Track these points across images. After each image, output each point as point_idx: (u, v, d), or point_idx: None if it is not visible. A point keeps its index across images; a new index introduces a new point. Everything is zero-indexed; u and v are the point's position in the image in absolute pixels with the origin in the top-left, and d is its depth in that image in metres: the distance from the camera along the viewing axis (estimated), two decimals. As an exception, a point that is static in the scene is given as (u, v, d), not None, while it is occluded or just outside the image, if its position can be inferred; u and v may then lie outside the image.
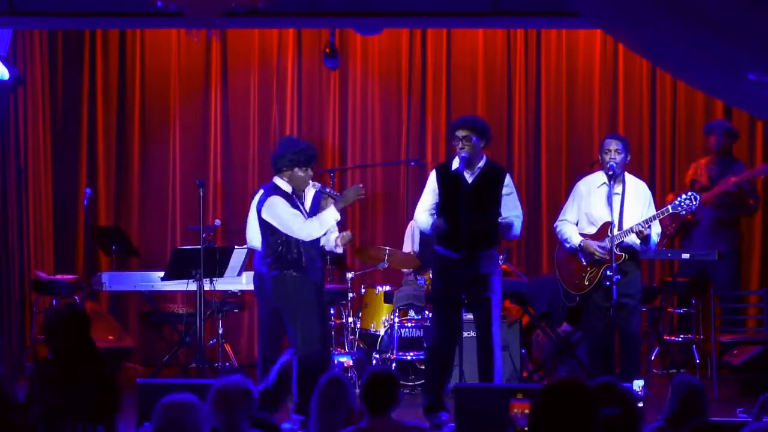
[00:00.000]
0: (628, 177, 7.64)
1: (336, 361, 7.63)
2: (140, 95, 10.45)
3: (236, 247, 8.89)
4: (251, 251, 8.97)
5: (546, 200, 10.35)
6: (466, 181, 7.26)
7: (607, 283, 7.35)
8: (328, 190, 7.10)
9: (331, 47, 9.81)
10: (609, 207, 7.46)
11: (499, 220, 7.35)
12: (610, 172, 7.48)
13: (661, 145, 10.29)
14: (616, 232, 7.37)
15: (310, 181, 7.08)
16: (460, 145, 7.31)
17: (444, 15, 8.18)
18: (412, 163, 10.19)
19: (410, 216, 9.88)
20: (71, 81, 10.34)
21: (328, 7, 8.00)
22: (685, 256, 8.79)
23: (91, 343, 5.53)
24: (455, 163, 7.37)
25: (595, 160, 7.91)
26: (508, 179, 7.45)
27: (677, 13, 5.51)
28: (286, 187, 7.07)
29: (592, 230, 7.62)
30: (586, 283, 7.58)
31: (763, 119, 9.36)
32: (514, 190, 7.49)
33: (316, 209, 7.20)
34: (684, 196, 7.45)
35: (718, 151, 9.40)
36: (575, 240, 7.62)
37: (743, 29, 5.33)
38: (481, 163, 7.40)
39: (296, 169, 6.99)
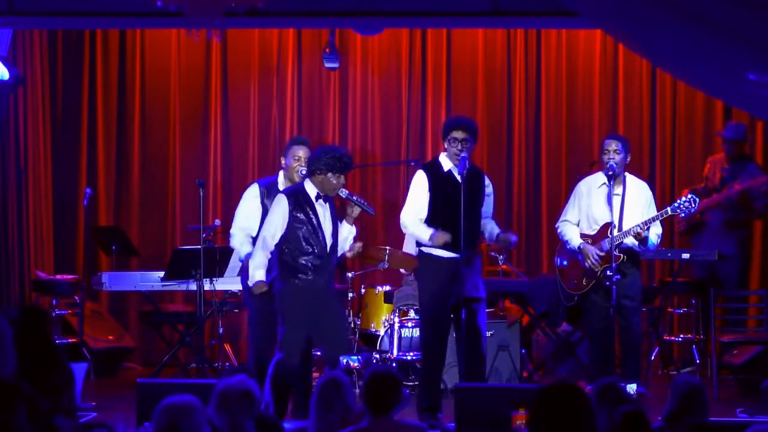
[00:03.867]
0: (629, 177, 7.64)
1: (344, 362, 7.59)
2: (140, 95, 10.45)
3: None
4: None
5: (546, 200, 10.34)
6: (458, 182, 7.24)
7: (608, 283, 7.35)
8: (355, 198, 7.07)
9: (331, 47, 9.80)
10: (609, 208, 7.45)
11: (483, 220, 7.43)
12: (610, 172, 7.48)
13: (661, 145, 10.29)
14: (616, 233, 7.37)
15: (342, 189, 7.02)
16: (459, 147, 7.28)
17: (444, 15, 8.19)
18: (412, 163, 10.16)
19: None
20: (71, 81, 10.34)
21: (328, 7, 8.01)
22: (685, 256, 8.79)
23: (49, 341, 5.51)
24: (446, 164, 7.32)
25: (595, 160, 7.91)
26: (486, 179, 7.51)
27: (677, 14, 5.52)
28: (312, 191, 7.02)
29: (592, 231, 7.62)
30: (584, 282, 7.58)
31: (763, 119, 9.36)
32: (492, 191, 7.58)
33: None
34: (684, 199, 7.46)
35: (728, 156, 9.43)
36: (575, 242, 7.63)
37: (743, 29, 5.34)
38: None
39: (329, 174, 6.94)
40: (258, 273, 6.93)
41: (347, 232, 7.11)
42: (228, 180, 10.49)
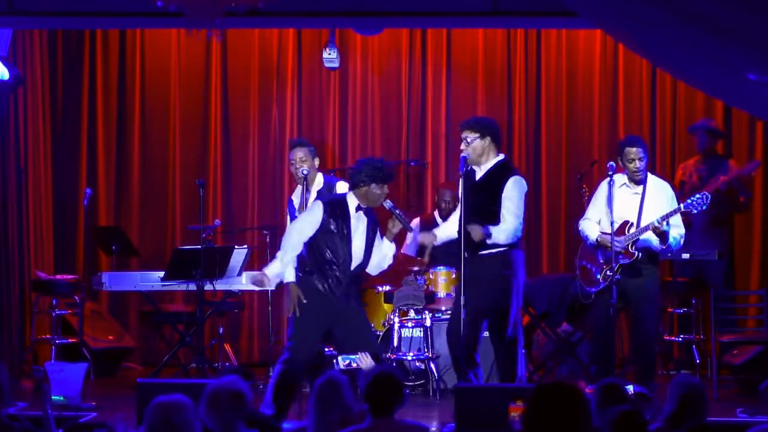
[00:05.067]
0: (651, 177, 7.63)
1: (345, 363, 7.59)
2: (140, 95, 10.45)
3: (236, 247, 8.89)
4: (252, 251, 8.99)
5: (546, 200, 10.33)
6: (474, 181, 7.23)
7: (608, 282, 7.33)
8: (398, 211, 6.97)
9: (331, 47, 9.78)
10: (609, 207, 7.44)
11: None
12: (638, 177, 7.46)
13: (661, 145, 10.29)
14: (633, 230, 7.34)
15: (385, 200, 6.98)
16: (462, 146, 7.30)
17: (444, 15, 8.18)
18: (412, 163, 10.18)
19: (410, 216, 9.88)
20: (71, 81, 10.34)
21: (328, 7, 8.00)
22: (685, 256, 8.78)
23: None
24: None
25: (596, 160, 7.91)
26: (510, 183, 7.26)
27: (677, 14, 5.52)
28: (352, 203, 6.96)
29: (610, 230, 7.60)
30: (601, 279, 7.54)
31: (763, 119, 9.36)
32: (513, 197, 7.26)
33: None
34: (697, 196, 7.41)
35: (704, 151, 9.45)
36: (593, 236, 7.60)
37: (742, 29, 5.34)
38: (492, 163, 7.33)
39: (373, 185, 6.91)
40: (287, 273, 6.93)
41: (387, 248, 7.05)
42: (228, 180, 10.49)
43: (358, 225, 6.95)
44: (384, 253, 7.05)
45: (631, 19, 6.12)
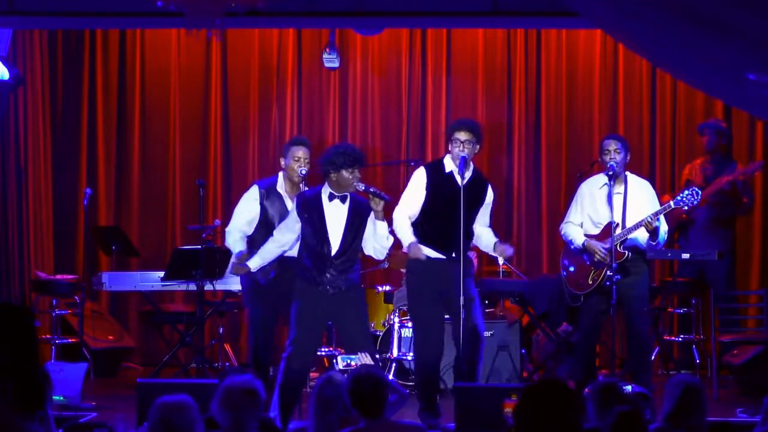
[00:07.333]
0: (631, 176, 7.62)
1: (344, 363, 7.58)
2: (140, 95, 10.45)
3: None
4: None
5: (546, 200, 10.33)
6: (459, 183, 7.18)
7: (608, 283, 7.32)
8: (372, 189, 6.93)
9: (331, 47, 9.79)
10: (609, 206, 7.44)
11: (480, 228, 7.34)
12: (610, 172, 7.46)
13: (661, 145, 10.29)
14: (618, 231, 7.34)
15: (357, 183, 6.96)
16: (460, 147, 7.23)
17: (444, 15, 8.19)
18: (412, 163, 10.14)
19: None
20: (71, 81, 10.35)
21: (328, 7, 8.01)
22: (685, 256, 8.75)
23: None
24: (449, 165, 7.25)
25: (596, 160, 7.90)
26: (489, 189, 7.38)
27: (677, 14, 5.52)
28: (325, 192, 6.96)
29: (596, 231, 7.60)
30: (590, 282, 7.54)
31: (763, 119, 9.36)
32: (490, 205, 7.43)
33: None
34: (686, 192, 7.42)
35: (711, 150, 9.44)
36: (579, 241, 7.58)
37: (742, 29, 5.33)
38: (471, 169, 7.30)
39: (342, 171, 6.90)
40: (253, 260, 7.15)
41: (381, 228, 6.96)
42: (228, 180, 10.49)
43: (336, 213, 6.93)
44: (379, 233, 6.96)
45: (632, 20, 6.12)
